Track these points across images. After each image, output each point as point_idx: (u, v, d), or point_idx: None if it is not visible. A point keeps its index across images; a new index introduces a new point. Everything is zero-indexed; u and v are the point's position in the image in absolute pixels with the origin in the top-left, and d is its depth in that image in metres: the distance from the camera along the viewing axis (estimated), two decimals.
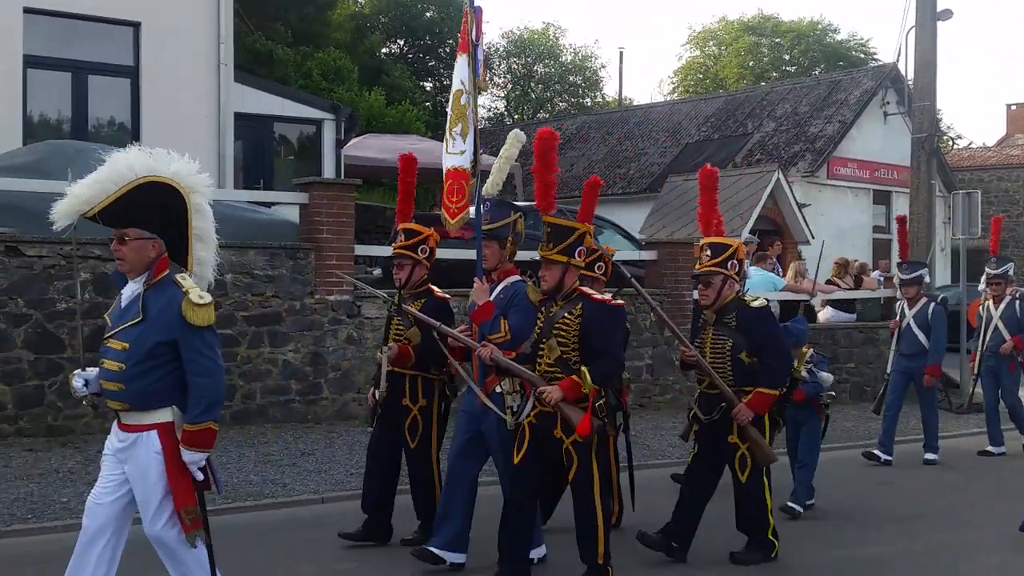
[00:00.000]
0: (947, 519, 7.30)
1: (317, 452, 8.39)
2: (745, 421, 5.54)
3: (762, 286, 13.43)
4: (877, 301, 15.05)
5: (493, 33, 61.53)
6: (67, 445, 8.24)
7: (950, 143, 36.76)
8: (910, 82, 17.77)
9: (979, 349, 10.18)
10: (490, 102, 44.61)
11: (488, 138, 31.94)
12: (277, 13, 26.58)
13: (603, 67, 48.81)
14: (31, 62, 12.72)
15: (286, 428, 9.38)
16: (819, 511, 7.29)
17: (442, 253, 7.00)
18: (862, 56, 41.45)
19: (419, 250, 6.01)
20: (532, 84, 44.45)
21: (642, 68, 76.47)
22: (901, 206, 20.47)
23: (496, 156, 6.33)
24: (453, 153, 5.56)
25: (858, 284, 14.96)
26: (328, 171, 16.22)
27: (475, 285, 5.39)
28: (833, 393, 7.40)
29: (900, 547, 6.45)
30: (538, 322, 5.13)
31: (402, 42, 38.43)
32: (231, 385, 9.35)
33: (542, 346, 5.07)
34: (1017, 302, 9.95)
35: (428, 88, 38.68)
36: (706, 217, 6.21)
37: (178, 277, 4.03)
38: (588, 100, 44.00)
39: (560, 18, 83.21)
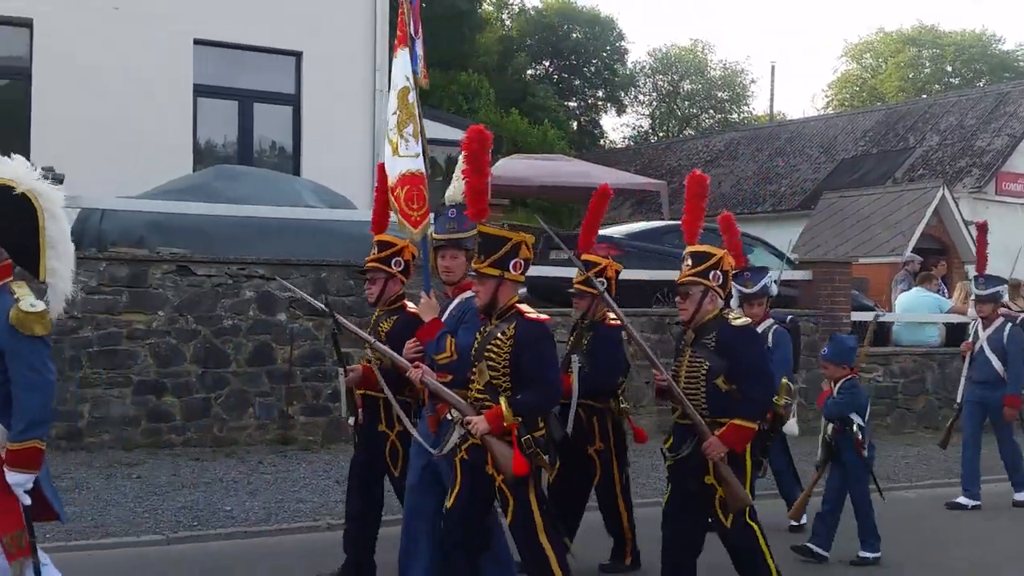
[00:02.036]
0: None
1: None
2: (716, 457, 4.77)
3: (926, 308, 12.82)
4: None
5: (639, 52, 61.23)
6: (231, 455, 8.61)
7: None
8: None
9: None
10: (634, 120, 44.51)
11: (633, 157, 31.80)
12: (428, 39, 27.29)
13: (753, 82, 47.88)
14: (200, 91, 13.46)
15: None
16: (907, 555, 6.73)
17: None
18: None
19: (392, 263, 5.52)
20: (678, 101, 44.02)
21: (794, 82, 74.58)
22: None
23: (641, 174, 6.20)
24: (407, 156, 5.13)
25: None
26: None
27: (422, 300, 4.98)
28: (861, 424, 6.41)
29: None
30: (475, 343, 4.58)
31: (547, 63, 38.81)
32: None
33: (474, 369, 4.54)
34: None
35: (572, 107, 38.91)
36: (692, 226, 5.48)
37: (14, 284, 3.75)
38: (735, 116, 43.22)
39: (711, 34, 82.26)
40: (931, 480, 9.24)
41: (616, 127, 67.66)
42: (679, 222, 8.46)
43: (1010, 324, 8.28)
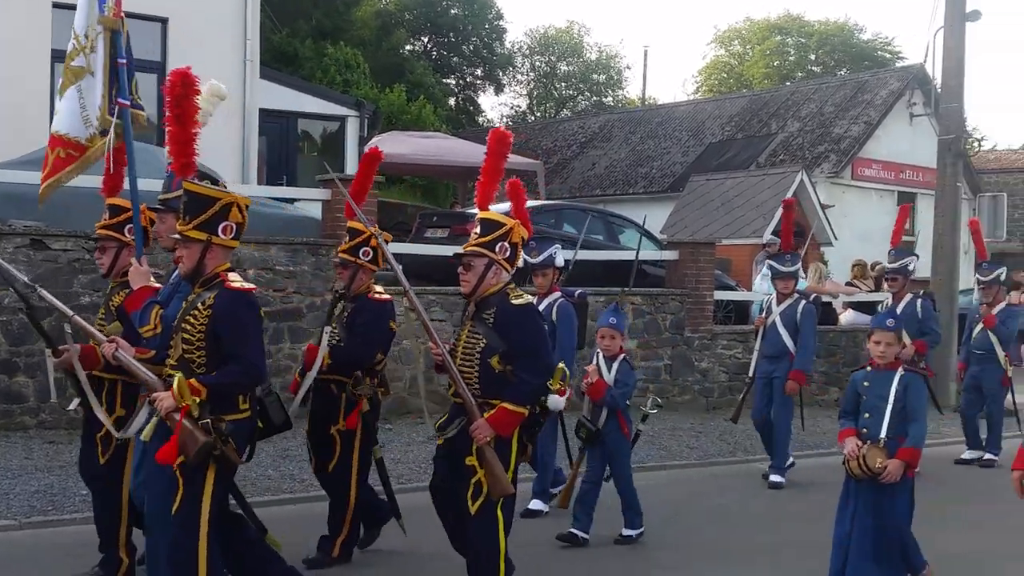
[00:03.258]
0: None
1: None
2: (483, 440, 4.49)
3: None
4: None
5: (517, 31, 61.46)
6: None
7: (976, 145, 36.35)
8: (937, 83, 17.60)
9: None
10: (512, 100, 44.75)
11: None
12: (301, 10, 26.69)
13: (628, 68, 48.79)
14: (60, 57, 12.80)
15: (304, 424, 9.39)
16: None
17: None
18: (888, 56, 41.16)
19: (126, 230, 5.03)
20: (555, 82, 44.42)
21: (666, 67, 76.26)
22: (926, 208, 20.32)
23: (519, 154, 6.21)
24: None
25: (878, 286, 14.84)
26: (351, 167, 16.31)
27: (132, 267, 4.63)
28: (658, 401, 6.65)
29: None
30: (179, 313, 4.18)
31: (426, 39, 38.54)
32: None
33: (171, 342, 4.13)
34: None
35: (451, 85, 38.77)
36: (486, 187, 4.94)
37: None
38: (610, 99, 43.95)
39: (585, 17, 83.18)
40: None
41: (494, 106, 67.88)
42: (556, 202, 8.51)
43: (804, 301, 8.54)
